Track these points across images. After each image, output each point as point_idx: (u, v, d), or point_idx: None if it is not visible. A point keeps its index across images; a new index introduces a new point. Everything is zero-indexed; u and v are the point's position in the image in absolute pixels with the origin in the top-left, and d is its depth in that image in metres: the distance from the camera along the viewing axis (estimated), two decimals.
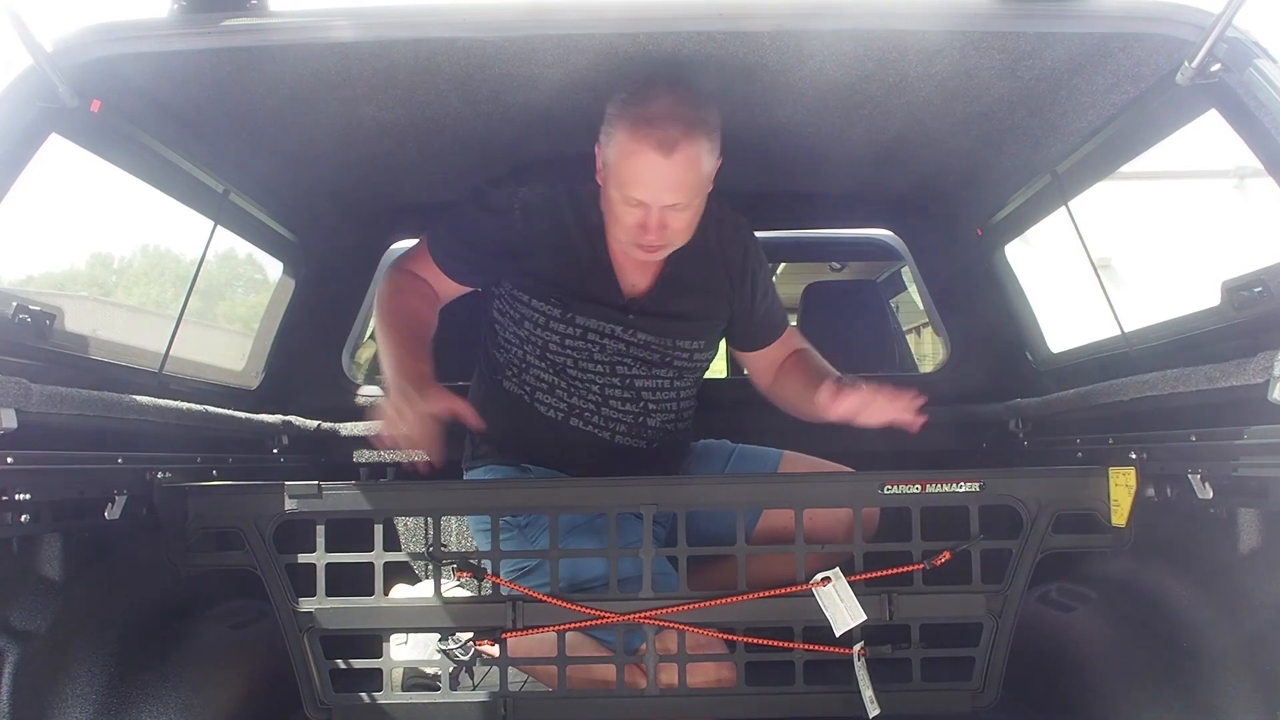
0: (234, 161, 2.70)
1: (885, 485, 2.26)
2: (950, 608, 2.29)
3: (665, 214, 2.43)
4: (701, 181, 2.43)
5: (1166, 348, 2.41)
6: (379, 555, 2.26)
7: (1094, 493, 2.28)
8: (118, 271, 43.39)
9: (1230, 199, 17.39)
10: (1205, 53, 1.92)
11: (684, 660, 2.26)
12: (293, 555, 2.26)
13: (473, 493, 2.51)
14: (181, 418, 2.42)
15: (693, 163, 2.37)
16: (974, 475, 2.26)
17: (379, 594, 2.28)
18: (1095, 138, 2.54)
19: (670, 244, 2.52)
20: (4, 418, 1.78)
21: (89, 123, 2.14)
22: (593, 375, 2.70)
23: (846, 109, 2.53)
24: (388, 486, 2.25)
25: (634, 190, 2.40)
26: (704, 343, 2.80)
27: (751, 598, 2.24)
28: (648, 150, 2.34)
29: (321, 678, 2.27)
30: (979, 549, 2.26)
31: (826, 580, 2.23)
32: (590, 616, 2.25)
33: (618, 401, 2.72)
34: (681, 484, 2.46)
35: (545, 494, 2.34)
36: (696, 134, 2.36)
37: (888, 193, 3.36)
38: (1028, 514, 2.26)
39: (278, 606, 2.25)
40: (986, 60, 2.22)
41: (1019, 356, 3.33)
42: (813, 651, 2.26)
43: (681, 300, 2.71)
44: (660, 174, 2.36)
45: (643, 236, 2.46)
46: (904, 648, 2.28)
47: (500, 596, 2.27)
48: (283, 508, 2.24)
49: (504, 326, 2.74)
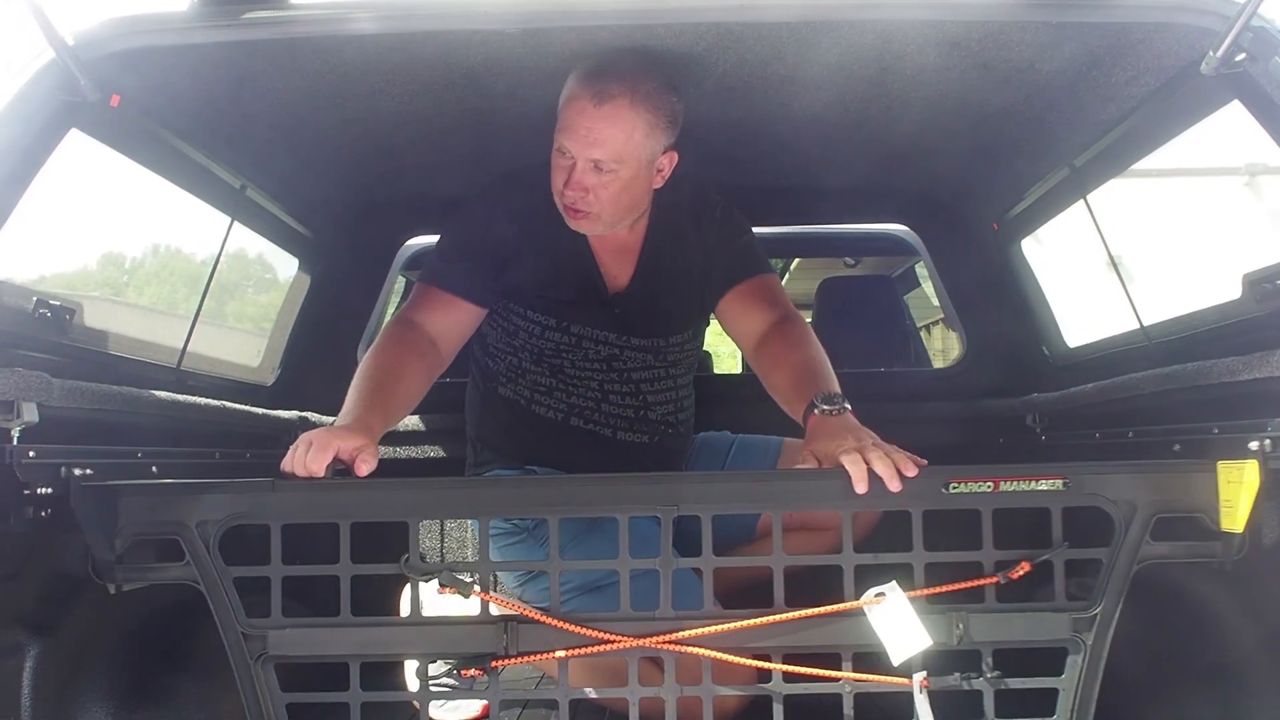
0: (251, 157, 2.70)
1: (950, 483, 1.92)
2: (1029, 629, 1.93)
3: (588, 174, 2.36)
4: (628, 152, 2.35)
5: (1186, 341, 2.39)
6: (345, 568, 1.91)
7: (1201, 492, 1.91)
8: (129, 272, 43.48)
9: (1241, 196, 17.32)
10: (1230, 42, 1.90)
11: (710, 693, 1.93)
12: (242, 567, 1.93)
13: (456, 493, 2.14)
14: (199, 413, 2.42)
15: (623, 124, 2.31)
16: (1056, 470, 1.92)
17: (345, 613, 1.93)
18: (1114, 130, 2.52)
19: (594, 213, 2.43)
20: (26, 411, 1.78)
21: (108, 117, 2.14)
22: (590, 373, 2.67)
23: (863, 103, 2.52)
24: (356, 485, 1.97)
25: (562, 136, 2.35)
26: (691, 332, 2.77)
27: (792, 618, 1.90)
28: (582, 97, 2.30)
29: (277, 712, 1.93)
30: (1063, 559, 1.91)
31: (881, 596, 1.89)
32: (598, 640, 1.92)
33: (617, 396, 2.68)
34: (706, 482, 2.05)
35: (542, 493, 2.04)
36: (638, 103, 2.30)
37: (903, 187, 3.35)
38: (1120, 517, 1.91)
39: (224, 628, 1.91)
40: (1005, 53, 2.21)
41: (1035, 351, 3.32)
42: (865, 682, 1.92)
43: (663, 292, 2.66)
44: (587, 121, 2.30)
45: (568, 194, 2.40)
46: (974, 677, 1.93)
47: (491, 617, 1.94)
48: (230, 510, 1.92)
49: (496, 337, 2.71)
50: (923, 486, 1.93)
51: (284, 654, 1.93)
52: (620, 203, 2.44)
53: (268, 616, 1.92)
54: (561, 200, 2.43)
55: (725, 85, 2.39)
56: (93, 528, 1.88)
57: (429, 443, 3.35)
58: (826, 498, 2.00)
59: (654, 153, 2.40)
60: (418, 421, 3.31)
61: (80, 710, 1.98)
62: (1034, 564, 1.90)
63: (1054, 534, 1.91)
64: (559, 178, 2.41)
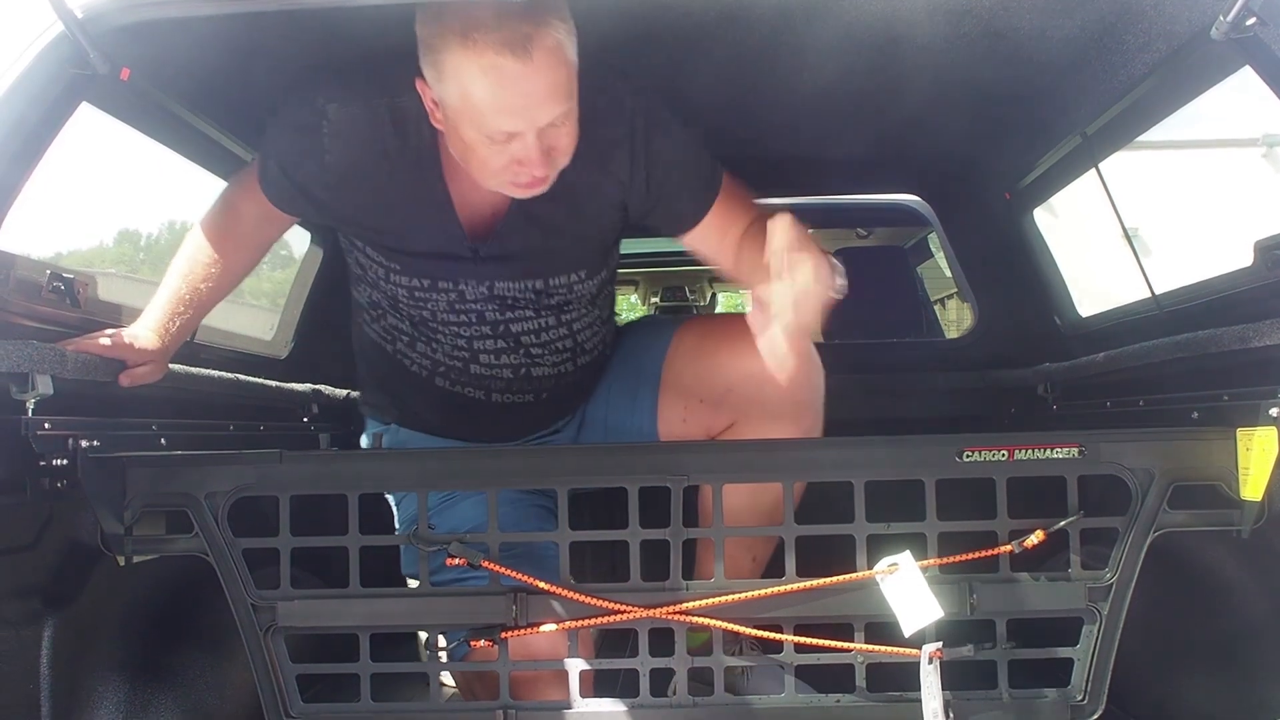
0: (262, 129, 2.70)
1: (964, 451, 1.89)
2: (1044, 600, 1.91)
3: (545, 135, 1.90)
4: (572, 79, 1.89)
5: (1197, 309, 2.38)
6: (354, 539, 1.92)
7: (1219, 459, 1.88)
8: (144, 249, 43.61)
9: (1259, 167, 17.22)
10: (1240, 7, 1.89)
11: (720, 664, 1.93)
12: (251, 539, 1.94)
13: (464, 463, 2.07)
14: (213, 386, 2.43)
15: (558, 56, 1.84)
16: (1071, 438, 1.89)
17: (354, 584, 1.93)
18: (1126, 98, 2.51)
19: (558, 166, 1.99)
20: (40, 384, 1.80)
21: (119, 90, 2.15)
22: (456, 327, 2.25)
23: (873, 73, 2.50)
24: (366, 455, 1.91)
25: (499, 121, 1.85)
26: (586, 271, 2.27)
27: (803, 588, 1.89)
28: (500, 61, 1.79)
29: (287, 684, 1.94)
30: (1079, 528, 1.89)
31: (894, 567, 1.87)
32: (608, 611, 1.90)
33: (489, 355, 2.28)
34: (714, 452, 2.06)
35: (552, 462, 1.99)
36: (547, 17, 1.82)
37: (914, 158, 3.34)
38: (1137, 485, 1.88)
39: (233, 600, 1.93)
40: (1016, 21, 2.20)
41: (1047, 321, 3.31)
42: (875, 653, 1.90)
43: (541, 230, 2.16)
44: (526, 87, 1.82)
45: (522, 173, 1.94)
46: (988, 648, 1.91)
47: (499, 588, 1.92)
48: (237, 481, 1.92)
49: (351, 266, 2.34)
50: (936, 455, 1.90)
51: (293, 625, 1.94)
52: (576, 133, 1.98)
53: (277, 588, 1.93)
54: (517, 181, 1.97)
55: (734, 56, 2.38)
56: (101, 499, 1.89)
57: None
58: (836, 467, 1.96)
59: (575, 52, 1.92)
60: None
61: (95, 679, 2.00)
62: (1049, 532, 1.88)
63: (1069, 502, 1.89)
64: (506, 163, 1.93)
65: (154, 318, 2.16)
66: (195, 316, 2.25)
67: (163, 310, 2.18)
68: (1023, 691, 1.92)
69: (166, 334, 2.15)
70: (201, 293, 2.23)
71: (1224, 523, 1.89)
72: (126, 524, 1.92)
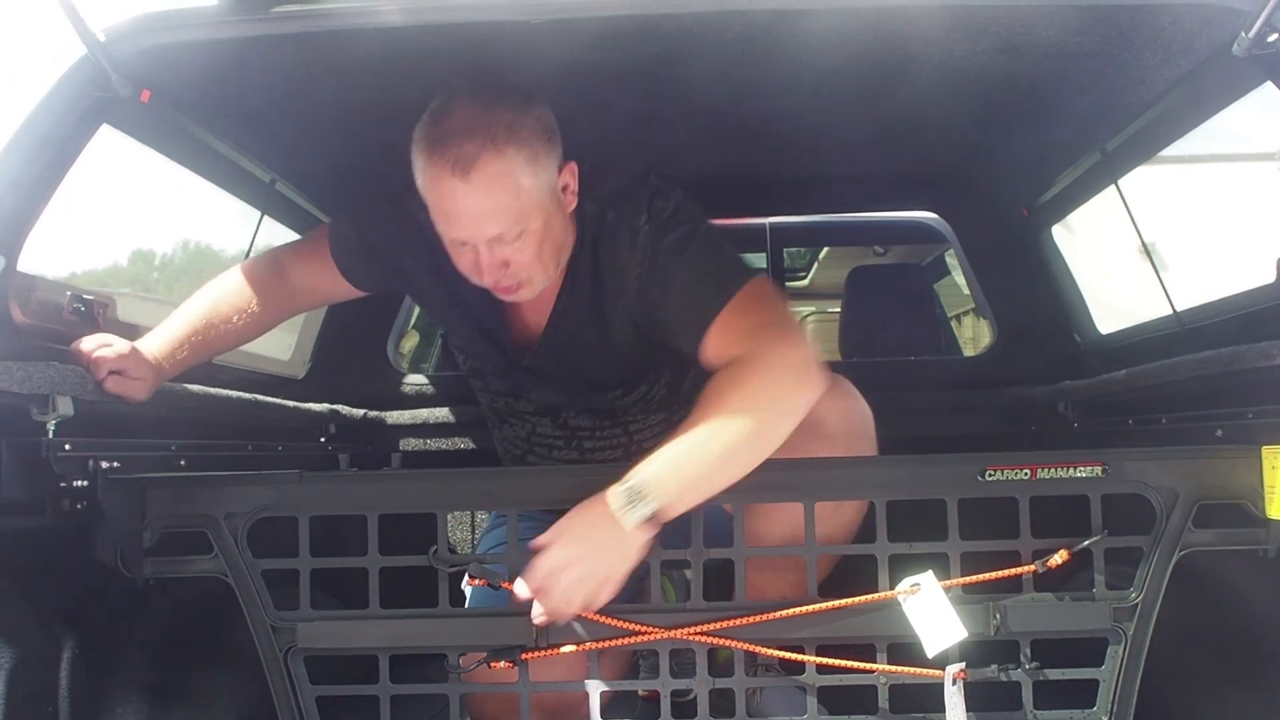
0: (280, 150, 2.72)
1: (986, 470, 1.87)
2: (1068, 620, 1.90)
3: (496, 249, 1.98)
4: (527, 203, 1.96)
5: (1219, 326, 2.37)
6: (373, 560, 1.92)
7: (1244, 477, 1.85)
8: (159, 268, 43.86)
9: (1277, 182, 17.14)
10: (1263, 22, 1.88)
11: (742, 685, 1.93)
12: (271, 560, 1.95)
13: (483, 484, 2.10)
14: (231, 406, 2.44)
15: (501, 182, 1.91)
16: (1094, 457, 1.88)
17: (374, 605, 1.93)
18: (1146, 114, 2.50)
19: (527, 280, 2.06)
20: (61, 405, 1.80)
21: (139, 113, 2.16)
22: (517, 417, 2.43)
23: (890, 89, 2.49)
24: (385, 477, 1.89)
25: (448, 228, 1.98)
26: (622, 389, 2.33)
27: (826, 608, 1.87)
28: (445, 176, 1.91)
29: (306, 705, 1.94)
30: (1103, 547, 1.87)
31: (916, 587, 1.86)
32: (630, 633, 1.89)
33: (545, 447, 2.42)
34: None
35: (568, 482, 1.96)
36: (502, 145, 1.90)
37: (932, 174, 3.33)
38: (1162, 504, 1.87)
39: (253, 621, 1.93)
40: (1033, 37, 2.19)
41: (1067, 338, 3.29)
42: (898, 674, 1.89)
43: (575, 347, 2.24)
44: (465, 204, 1.92)
45: (482, 278, 2.04)
46: (1012, 669, 1.89)
47: (521, 608, 1.88)
48: (257, 502, 1.92)
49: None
50: (958, 474, 1.89)
51: (313, 647, 1.94)
52: (545, 254, 2.05)
53: (297, 609, 1.93)
54: (481, 283, 2.06)
55: (754, 75, 2.37)
56: (120, 520, 1.89)
57: (459, 435, 3.36)
58: (859, 487, 1.97)
59: (550, 184, 2.01)
60: (447, 413, 3.32)
61: (114, 700, 1.99)
62: (1073, 552, 1.86)
63: (1093, 521, 1.87)
64: (465, 264, 2.04)
65: (163, 341, 2.17)
66: (198, 355, 2.24)
67: (174, 337, 2.19)
68: (1048, 713, 1.90)
69: (170, 359, 2.15)
70: (217, 333, 2.27)
71: (1250, 542, 1.87)
72: (146, 545, 1.92)
